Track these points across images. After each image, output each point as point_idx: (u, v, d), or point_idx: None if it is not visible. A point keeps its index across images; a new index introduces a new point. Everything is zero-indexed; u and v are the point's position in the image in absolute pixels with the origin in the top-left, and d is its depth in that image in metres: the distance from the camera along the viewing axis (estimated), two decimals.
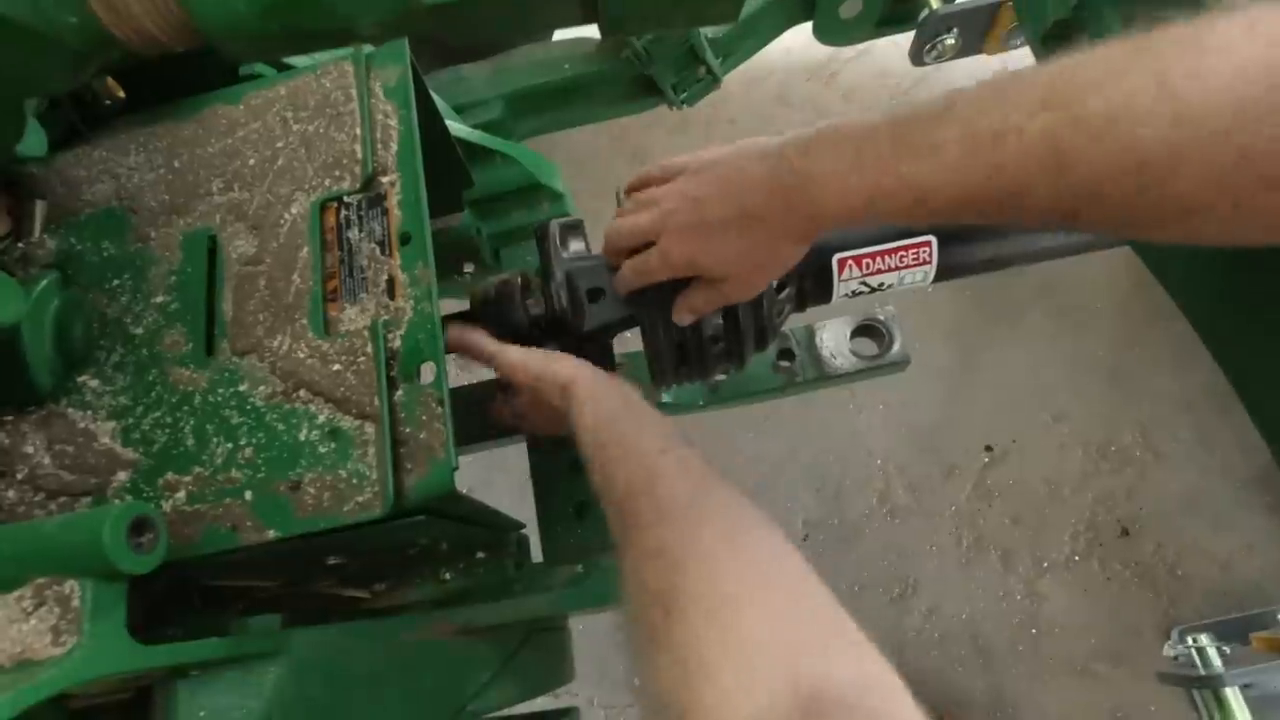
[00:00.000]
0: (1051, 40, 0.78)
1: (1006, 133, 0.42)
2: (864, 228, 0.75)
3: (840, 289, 0.78)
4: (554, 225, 0.78)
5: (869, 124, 0.50)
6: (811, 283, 0.78)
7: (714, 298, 0.67)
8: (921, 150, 0.46)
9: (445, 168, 0.92)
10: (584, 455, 0.61)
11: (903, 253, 0.76)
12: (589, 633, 1.57)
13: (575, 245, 0.78)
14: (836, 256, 0.76)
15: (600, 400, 0.62)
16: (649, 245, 0.65)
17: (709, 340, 0.75)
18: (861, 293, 0.79)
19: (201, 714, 0.52)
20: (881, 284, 0.78)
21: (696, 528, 0.47)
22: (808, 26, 1.50)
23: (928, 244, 0.76)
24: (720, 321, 0.75)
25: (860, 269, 0.77)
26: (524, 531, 0.89)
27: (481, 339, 0.74)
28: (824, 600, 0.43)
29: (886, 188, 0.48)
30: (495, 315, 0.76)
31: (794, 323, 1.11)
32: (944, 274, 0.79)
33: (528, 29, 0.49)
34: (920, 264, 0.77)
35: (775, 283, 0.75)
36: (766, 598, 0.43)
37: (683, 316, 0.70)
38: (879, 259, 0.76)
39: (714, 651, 0.40)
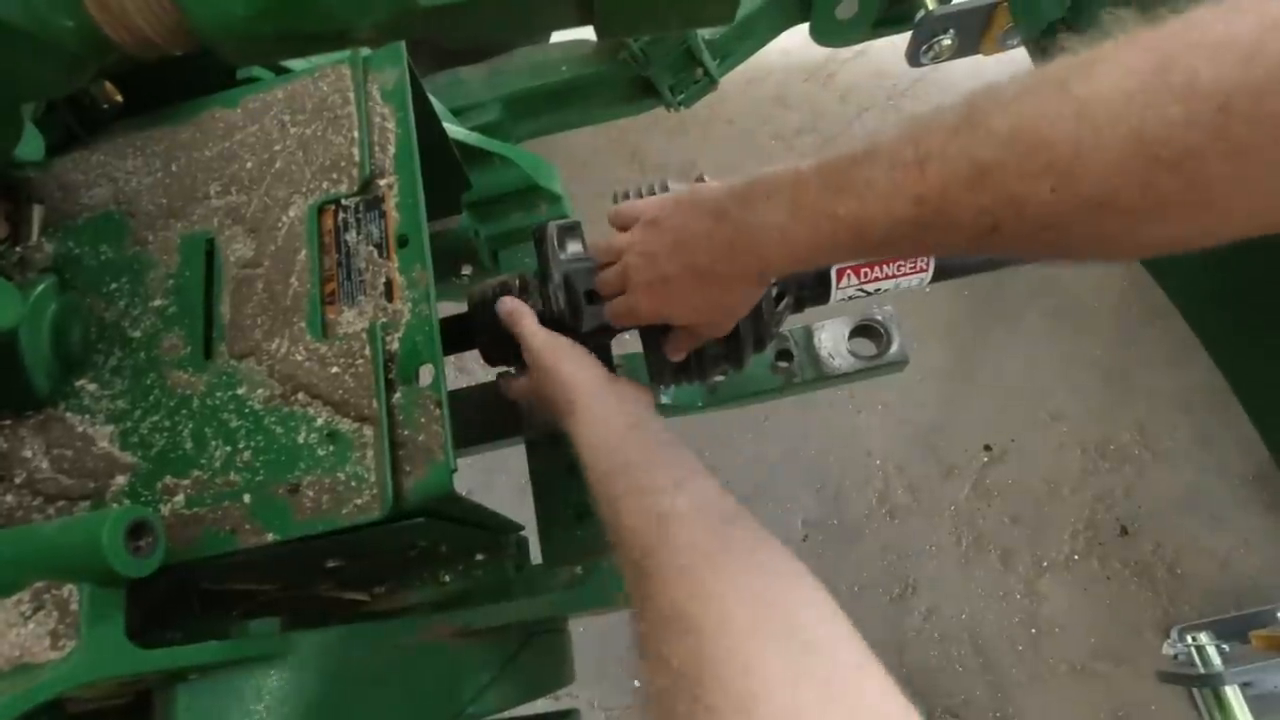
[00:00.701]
0: (1047, 41, 0.78)
1: (929, 159, 0.44)
2: None
3: (838, 295, 0.79)
4: (552, 227, 0.78)
5: (800, 172, 0.52)
6: (810, 291, 0.79)
7: (691, 339, 0.69)
8: (853, 189, 0.48)
9: (443, 170, 0.92)
10: (584, 473, 0.59)
11: (900, 261, 0.77)
12: (589, 634, 1.57)
13: (573, 247, 0.78)
14: (835, 267, 0.77)
15: (605, 421, 0.60)
16: None
17: (708, 344, 0.75)
18: (859, 297, 0.80)
19: (200, 718, 0.52)
20: (879, 289, 0.79)
21: (718, 586, 0.43)
22: (805, 28, 1.50)
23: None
24: None
25: (858, 278, 0.77)
26: (523, 533, 0.89)
27: (524, 310, 0.74)
28: (854, 659, 0.39)
29: (825, 230, 0.50)
30: (493, 317, 0.76)
31: (792, 323, 1.11)
32: (941, 275, 0.79)
33: (524, 31, 0.49)
34: (917, 271, 0.77)
35: (774, 291, 0.76)
36: (798, 683, 0.37)
37: (673, 355, 0.72)
38: (876, 268, 0.77)
39: None
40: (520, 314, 0.73)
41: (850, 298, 0.79)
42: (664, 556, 0.46)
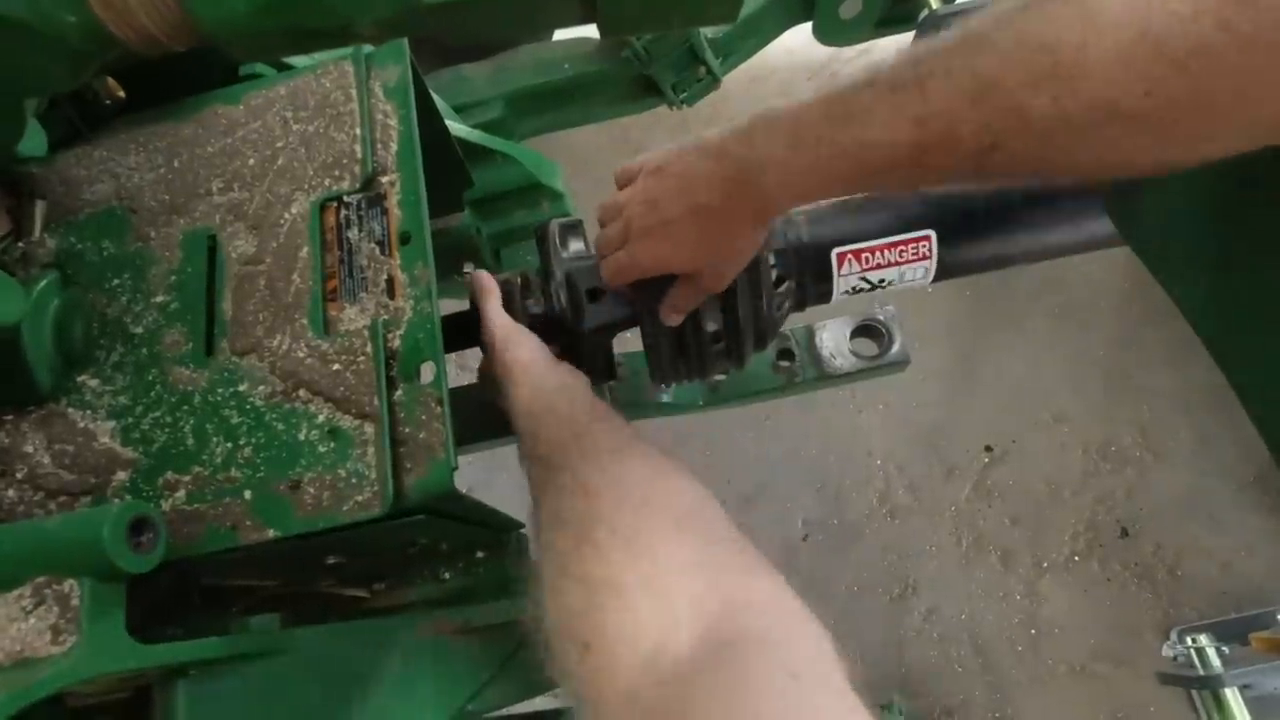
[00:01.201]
0: None
1: (930, 77, 0.44)
2: (857, 221, 0.76)
3: (840, 285, 0.78)
4: (554, 225, 0.78)
5: (801, 104, 0.52)
6: (811, 278, 0.78)
7: (691, 293, 0.68)
8: (853, 116, 0.48)
9: (445, 168, 0.92)
10: (516, 430, 0.62)
11: (902, 247, 0.76)
12: None
13: (575, 245, 0.78)
14: (835, 251, 0.76)
15: (539, 378, 0.64)
16: None
17: (709, 339, 0.75)
18: (862, 289, 0.79)
19: (201, 712, 0.52)
20: (882, 280, 0.78)
21: (617, 468, 0.47)
22: (809, 27, 1.50)
23: (927, 238, 0.76)
24: (720, 317, 0.75)
25: (860, 263, 0.77)
26: (523, 531, 0.89)
27: (490, 288, 0.75)
28: (740, 540, 0.44)
29: (824, 158, 0.50)
30: None
31: (794, 323, 1.11)
32: (945, 272, 0.79)
33: (527, 29, 0.49)
34: (920, 259, 0.77)
35: (774, 276, 0.75)
36: (684, 528, 0.42)
37: (669, 316, 0.71)
38: (878, 253, 0.76)
39: (626, 575, 0.39)
40: (487, 291, 0.74)
41: (854, 289, 0.79)
42: (571, 451, 0.49)
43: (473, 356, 0.77)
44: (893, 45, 1.68)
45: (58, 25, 0.46)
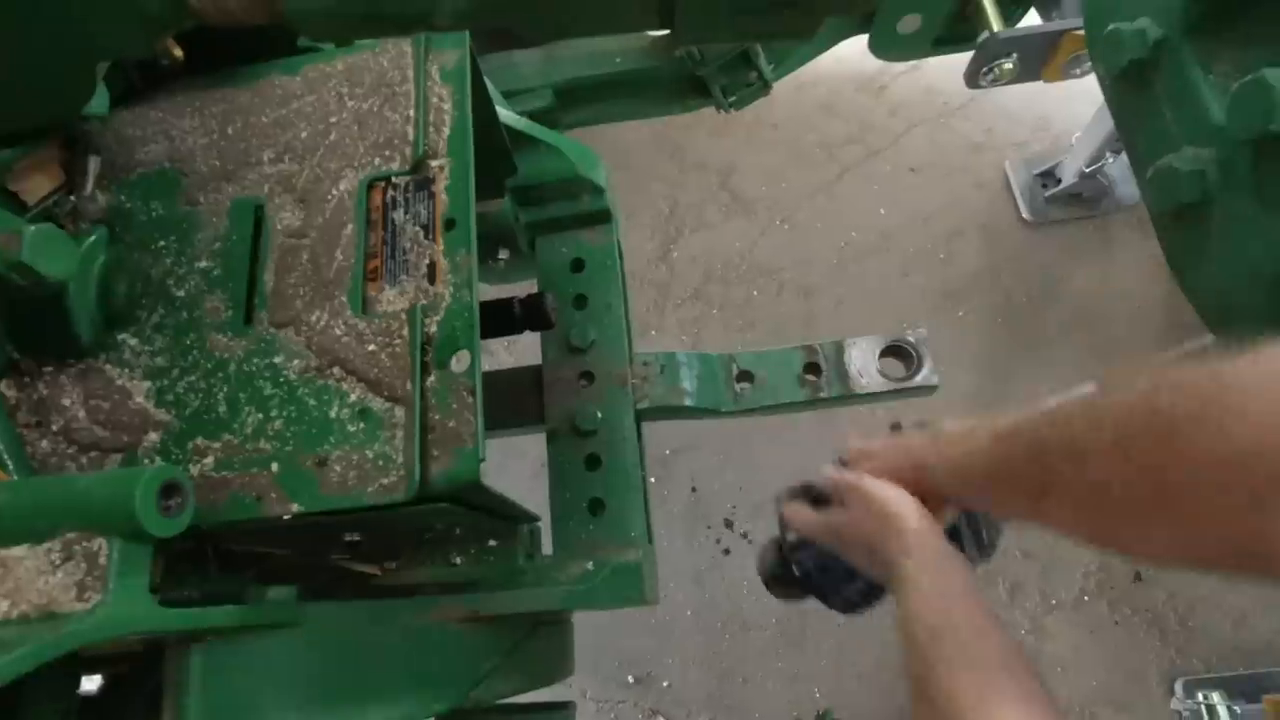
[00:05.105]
0: (1124, 81, 0.76)
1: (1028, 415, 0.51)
2: None
3: None
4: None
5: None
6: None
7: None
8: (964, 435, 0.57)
9: (491, 153, 0.92)
10: (902, 620, 0.59)
11: None
12: (584, 625, 1.57)
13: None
14: None
15: (942, 574, 0.60)
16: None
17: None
18: None
19: (214, 679, 0.52)
20: None
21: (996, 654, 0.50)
22: (863, 38, 1.48)
23: None
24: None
25: None
26: (536, 524, 0.89)
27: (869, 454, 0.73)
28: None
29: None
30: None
31: (821, 337, 1.10)
32: None
33: (602, 30, 0.49)
34: None
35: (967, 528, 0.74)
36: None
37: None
38: None
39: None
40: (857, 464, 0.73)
41: None
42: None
43: (494, 341, 0.77)
44: (942, 66, 1.66)
45: None
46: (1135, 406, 0.44)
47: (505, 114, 1.02)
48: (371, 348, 0.61)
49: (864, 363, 1.09)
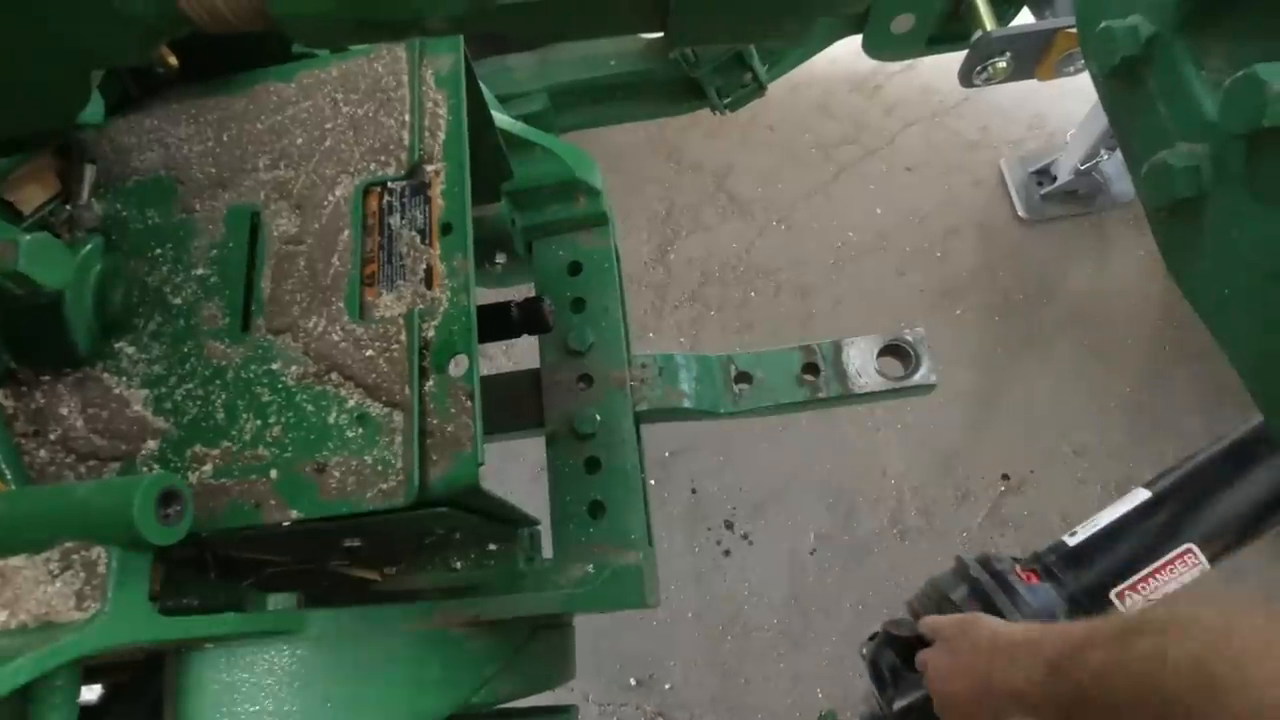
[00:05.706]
0: (1117, 78, 0.76)
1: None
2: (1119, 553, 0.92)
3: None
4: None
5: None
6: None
7: None
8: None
9: (486, 157, 0.92)
10: None
11: (1170, 566, 0.86)
12: (585, 628, 1.57)
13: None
14: (1113, 593, 0.87)
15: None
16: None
17: None
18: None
19: (214, 687, 0.52)
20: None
21: None
22: (857, 39, 1.48)
23: (1190, 551, 0.87)
24: None
25: (1139, 593, 0.87)
26: (536, 528, 0.89)
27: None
28: None
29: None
30: None
31: (819, 337, 1.10)
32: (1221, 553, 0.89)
33: (595, 34, 0.49)
34: (1191, 567, 0.87)
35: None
36: None
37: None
38: (1150, 580, 0.87)
39: None
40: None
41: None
42: None
43: (493, 346, 0.77)
44: (937, 66, 1.66)
45: (134, 3, 0.47)
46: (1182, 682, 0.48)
47: (500, 118, 1.02)
48: (369, 353, 0.61)
49: (862, 362, 1.10)
